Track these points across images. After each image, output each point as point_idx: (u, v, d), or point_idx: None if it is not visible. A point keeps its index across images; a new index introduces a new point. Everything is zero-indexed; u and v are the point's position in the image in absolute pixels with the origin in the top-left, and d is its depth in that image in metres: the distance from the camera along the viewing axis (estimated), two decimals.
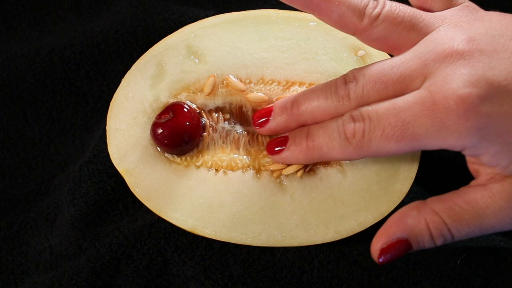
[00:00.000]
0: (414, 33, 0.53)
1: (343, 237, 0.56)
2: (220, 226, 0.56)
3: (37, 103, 0.69)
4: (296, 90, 0.58)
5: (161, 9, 0.69)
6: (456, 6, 0.55)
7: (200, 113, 0.58)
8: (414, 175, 0.56)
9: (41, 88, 0.69)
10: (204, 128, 0.58)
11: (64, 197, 0.63)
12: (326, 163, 0.57)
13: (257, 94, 0.58)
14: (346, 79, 0.53)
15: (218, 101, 0.58)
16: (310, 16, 0.59)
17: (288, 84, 0.58)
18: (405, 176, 0.56)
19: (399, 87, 0.51)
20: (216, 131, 0.58)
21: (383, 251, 0.52)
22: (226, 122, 0.59)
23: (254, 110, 0.58)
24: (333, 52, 0.58)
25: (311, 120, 0.54)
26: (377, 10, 0.53)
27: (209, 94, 0.58)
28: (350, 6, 0.53)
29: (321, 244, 0.56)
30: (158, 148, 0.57)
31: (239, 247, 0.58)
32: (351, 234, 0.56)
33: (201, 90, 0.58)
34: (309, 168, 0.57)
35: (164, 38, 0.59)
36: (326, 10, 0.53)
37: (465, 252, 0.55)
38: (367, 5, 0.53)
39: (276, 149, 0.56)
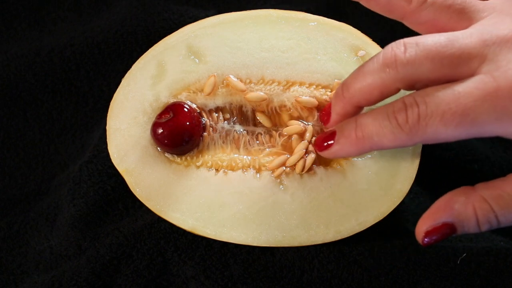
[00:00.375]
0: (465, 17, 0.52)
1: (343, 237, 0.56)
2: (220, 226, 0.56)
3: (37, 103, 0.69)
4: (296, 90, 0.58)
5: (161, 9, 0.69)
6: None
7: (200, 113, 0.58)
8: (414, 175, 0.56)
9: (41, 88, 0.69)
10: (204, 128, 0.58)
11: (64, 197, 0.63)
12: (327, 163, 0.57)
13: (257, 94, 0.58)
14: (393, 46, 0.51)
15: (218, 101, 0.58)
16: (310, 16, 0.59)
17: (289, 84, 0.58)
18: (405, 176, 0.56)
19: (455, 61, 0.49)
20: (216, 131, 0.58)
21: (428, 233, 0.51)
22: (226, 122, 0.59)
23: (254, 110, 0.59)
24: (334, 52, 0.58)
25: (363, 100, 0.52)
26: None
27: (209, 94, 0.58)
28: None
29: (321, 244, 0.56)
30: (158, 148, 0.57)
31: (239, 247, 0.58)
32: (351, 234, 0.56)
33: (201, 90, 0.58)
34: (309, 167, 0.57)
35: (164, 38, 0.59)
36: None
37: (465, 252, 0.55)
38: None
39: (325, 144, 0.54)
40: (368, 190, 0.56)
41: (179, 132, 0.56)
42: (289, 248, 0.57)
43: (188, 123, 0.56)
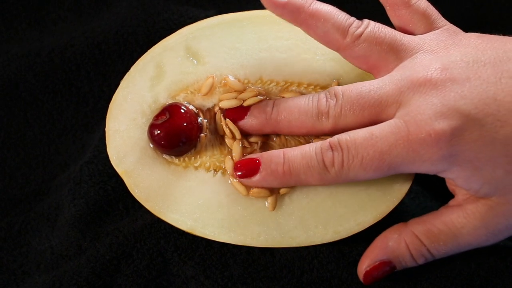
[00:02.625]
0: (393, 55, 0.55)
1: (342, 238, 0.56)
2: (219, 226, 0.56)
3: (37, 103, 0.69)
4: (294, 90, 0.58)
5: (161, 9, 0.69)
6: (437, 29, 0.56)
7: (197, 114, 0.58)
8: (413, 176, 0.56)
9: (42, 89, 0.69)
10: (201, 128, 0.58)
11: (64, 197, 0.63)
12: None
13: (252, 90, 0.58)
14: (327, 97, 0.54)
15: (216, 101, 0.58)
16: None
17: (287, 85, 0.58)
18: (405, 176, 0.56)
19: (374, 110, 0.53)
20: (213, 132, 0.58)
21: (367, 273, 0.55)
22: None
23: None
24: (332, 53, 0.58)
25: (287, 130, 0.56)
26: (360, 30, 0.54)
27: (206, 94, 0.58)
28: (335, 24, 0.55)
29: (320, 245, 0.56)
30: (156, 150, 0.57)
31: (239, 247, 0.58)
32: (350, 234, 0.56)
33: (199, 91, 0.58)
34: None
35: (163, 40, 0.59)
36: (312, 25, 0.55)
37: (466, 252, 0.55)
38: (352, 24, 0.55)
39: (245, 172, 0.55)
40: (367, 190, 0.56)
41: (175, 133, 0.56)
42: (288, 248, 0.57)
43: (184, 124, 0.56)
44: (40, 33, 0.73)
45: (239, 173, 0.55)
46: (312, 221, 0.56)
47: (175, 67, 0.58)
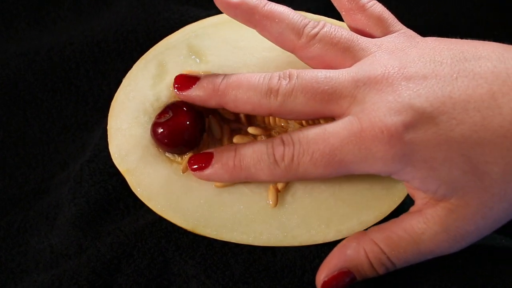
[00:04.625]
0: (350, 55, 0.54)
1: (345, 237, 0.56)
2: (221, 225, 0.56)
3: (36, 102, 0.69)
4: None
5: (161, 9, 0.69)
6: (394, 33, 0.56)
7: (200, 112, 0.58)
8: None
9: (41, 87, 0.69)
10: (204, 127, 0.57)
11: (64, 196, 0.63)
12: None
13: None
14: (280, 75, 0.53)
15: None
16: (311, 16, 0.59)
17: None
18: None
19: (327, 97, 0.52)
20: (217, 130, 0.58)
21: (325, 284, 0.53)
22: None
23: None
24: None
25: (232, 104, 0.54)
26: (315, 30, 0.54)
27: None
28: (290, 24, 0.54)
29: (322, 244, 0.56)
30: (159, 148, 0.57)
31: (240, 247, 0.58)
32: (352, 233, 0.55)
33: None
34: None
35: (165, 38, 0.59)
36: (267, 26, 0.55)
37: (466, 252, 0.55)
38: (307, 25, 0.54)
39: (198, 165, 0.55)
40: (369, 190, 0.56)
41: (178, 131, 0.56)
42: (290, 248, 0.57)
43: (187, 123, 0.56)
44: (40, 32, 0.73)
45: (194, 166, 0.55)
46: (314, 220, 0.56)
47: (178, 66, 0.58)
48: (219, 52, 0.59)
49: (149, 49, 0.60)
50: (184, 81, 0.56)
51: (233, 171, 0.54)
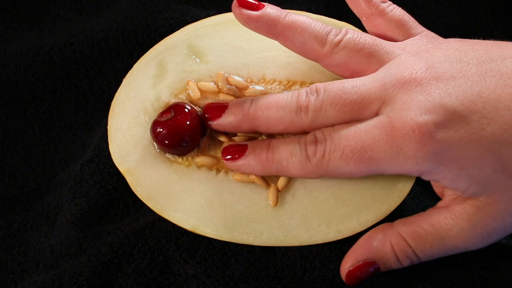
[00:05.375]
0: (375, 60, 0.54)
1: (345, 237, 0.56)
2: (221, 225, 0.56)
3: (36, 102, 0.69)
4: (297, 89, 0.58)
5: (162, 8, 0.69)
6: (415, 36, 0.56)
7: (201, 114, 0.58)
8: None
9: (41, 87, 0.69)
10: (204, 128, 0.57)
11: (65, 196, 0.63)
12: None
13: (255, 88, 0.58)
14: (307, 92, 0.53)
15: (218, 100, 0.58)
16: (311, 16, 0.59)
17: (289, 84, 0.58)
18: (407, 176, 0.56)
19: (357, 106, 0.52)
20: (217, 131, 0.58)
21: (350, 273, 0.54)
22: None
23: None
24: None
25: (264, 126, 0.55)
26: (338, 37, 0.54)
27: (199, 98, 0.58)
28: (312, 33, 0.54)
29: (322, 244, 0.56)
30: (158, 148, 0.57)
31: (240, 246, 0.58)
32: (352, 233, 0.56)
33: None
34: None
35: (166, 38, 0.59)
36: (289, 36, 0.55)
37: (467, 252, 0.55)
38: (329, 33, 0.54)
39: (232, 156, 0.56)
40: (369, 190, 0.56)
41: (178, 132, 0.56)
42: (290, 248, 0.57)
43: (188, 123, 0.56)
44: (40, 32, 0.73)
45: (227, 156, 0.55)
46: (314, 220, 0.56)
47: (178, 65, 0.58)
48: (219, 52, 0.59)
49: (149, 49, 0.60)
50: (214, 110, 0.56)
51: (265, 163, 0.54)
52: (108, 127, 0.58)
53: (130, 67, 0.59)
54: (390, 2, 0.57)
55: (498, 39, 0.55)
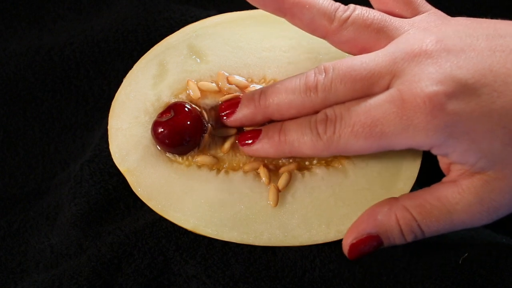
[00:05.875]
0: (384, 35, 0.54)
1: None
2: (222, 225, 0.56)
3: (36, 102, 0.69)
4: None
5: (162, 8, 0.69)
6: (424, 13, 0.56)
7: (201, 113, 0.58)
8: (416, 175, 0.56)
9: (41, 87, 0.69)
10: (205, 128, 0.57)
11: (65, 196, 0.63)
12: (328, 163, 0.57)
13: (255, 87, 0.58)
14: (316, 71, 0.53)
15: (219, 100, 0.58)
16: None
17: None
18: (407, 176, 0.56)
19: (367, 82, 0.51)
20: (217, 130, 0.58)
21: (353, 246, 0.53)
22: None
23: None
24: (335, 52, 0.58)
25: (277, 113, 0.55)
26: (347, 13, 0.54)
27: (198, 98, 0.58)
28: (321, 9, 0.54)
29: (322, 244, 0.56)
30: (159, 148, 0.57)
31: (241, 246, 0.58)
32: None
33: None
34: (310, 167, 0.57)
35: (166, 38, 0.59)
36: (297, 13, 0.54)
37: (467, 252, 0.55)
38: (338, 9, 0.54)
39: (247, 141, 0.56)
40: (369, 190, 0.56)
41: (179, 131, 0.56)
42: (290, 248, 0.57)
43: (188, 123, 0.56)
44: (40, 32, 0.73)
45: (243, 141, 0.56)
46: (315, 220, 0.56)
47: (178, 65, 0.58)
48: (219, 52, 0.59)
49: (149, 49, 0.60)
50: (227, 107, 0.56)
51: (278, 145, 0.54)
52: (109, 127, 0.58)
53: (130, 67, 0.60)
54: None
55: None
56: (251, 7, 0.60)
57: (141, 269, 0.58)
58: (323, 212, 0.56)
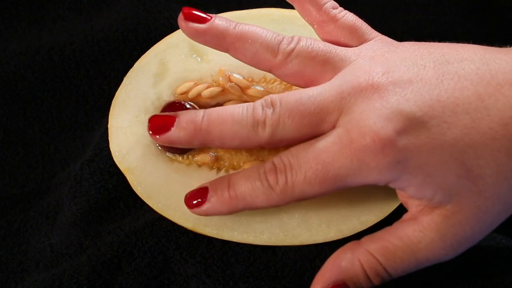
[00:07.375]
0: (330, 67, 0.53)
1: (345, 236, 0.56)
2: (222, 224, 0.56)
3: (36, 101, 0.69)
4: (297, 89, 0.58)
5: (162, 8, 0.69)
6: (370, 41, 0.55)
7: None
8: None
9: (41, 87, 0.69)
10: None
11: (65, 196, 0.63)
12: None
13: (256, 89, 0.58)
14: (263, 105, 0.51)
15: (220, 99, 0.58)
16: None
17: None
18: None
19: (315, 118, 0.50)
20: None
21: None
22: None
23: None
24: None
25: (218, 141, 0.52)
26: (291, 46, 0.53)
27: (194, 98, 0.58)
28: (264, 43, 0.53)
29: (322, 243, 0.56)
30: (159, 147, 0.57)
31: (241, 246, 0.58)
32: (353, 233, 0.56)
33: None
34: None
35: (167, 37, 0.59)
36: (239, 48, 0.53)
37: (467, 252, 0.55)
38: (281, 41, 0.53)
39: (194, 202, 0.53)
40: (370, 189, 0.56)
41: None
42: (290, 247, 0.57)
43: None
44: (39, 31, 0.73)
45: (192, 202, 0.53)
46: (315, 219, 0.56)
47: (179, 65, 0.59)
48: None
49: (149, 48, 0.60)
50: (160, 123, 0.53)
51: (229, 202, 0.52)
52: (109, 126, 0.58)
53: (130, 66, 0.60)
54: (341, 8, 0.56)
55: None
56: (250, 7, 0.61)
57: (141, 268, 0.58)
58: (323, 211, 0.56)
